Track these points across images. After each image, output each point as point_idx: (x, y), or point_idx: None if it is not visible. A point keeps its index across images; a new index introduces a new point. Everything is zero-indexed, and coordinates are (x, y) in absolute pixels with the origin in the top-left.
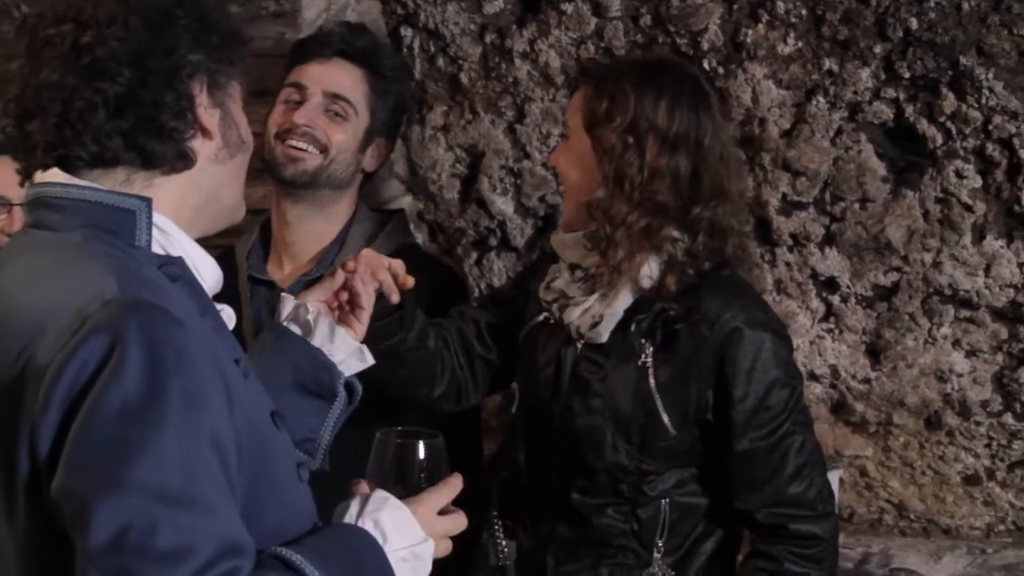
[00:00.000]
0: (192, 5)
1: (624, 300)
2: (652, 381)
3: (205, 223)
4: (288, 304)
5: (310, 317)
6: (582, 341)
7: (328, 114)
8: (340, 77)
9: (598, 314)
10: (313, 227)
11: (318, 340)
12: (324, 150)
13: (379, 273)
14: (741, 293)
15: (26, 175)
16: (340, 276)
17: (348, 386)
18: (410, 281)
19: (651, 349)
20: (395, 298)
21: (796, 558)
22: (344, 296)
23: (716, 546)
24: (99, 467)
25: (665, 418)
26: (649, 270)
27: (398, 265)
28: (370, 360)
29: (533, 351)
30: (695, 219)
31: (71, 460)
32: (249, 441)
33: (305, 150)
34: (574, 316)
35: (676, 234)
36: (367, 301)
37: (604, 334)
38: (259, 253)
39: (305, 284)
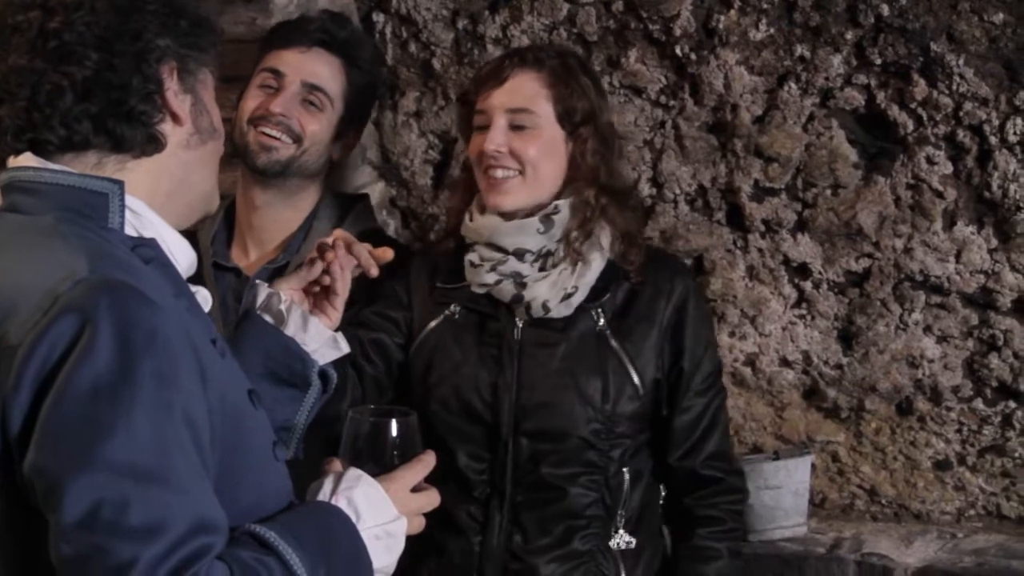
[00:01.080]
0: None
1: (596, 270)
2: (615, 344)
3: (179, 209)
4: (261, 292)
5: (283, 306)
6: (527, 318)
7: (304, 104)
8: (319, 67)
9: (571, 286)
10: (280, 214)
11: (291, 329)
12: (298, 140)
13: (354, 247)
14: (679, 261)
15: None
16: (318, 267)
17: (322, 374)
18: (389, 253)
19: (604, 318)
20: (374, 271)
21: (733, 515)
22: (317, 285)
23: (657, 510)
24: (71, 445)
25: (636, 379)
26: (606, 243)
27: (367, 246)
28: (345, 348)
29: (442, 349)
30: (624, 197)
31: (43, 438)
32: (224, 419)
33: (279, 139)
34: (540, 291)
35: (623, 212)
36: (343, 287)
37: (574, 306)
38: (223, 239)
39: (271, 272)
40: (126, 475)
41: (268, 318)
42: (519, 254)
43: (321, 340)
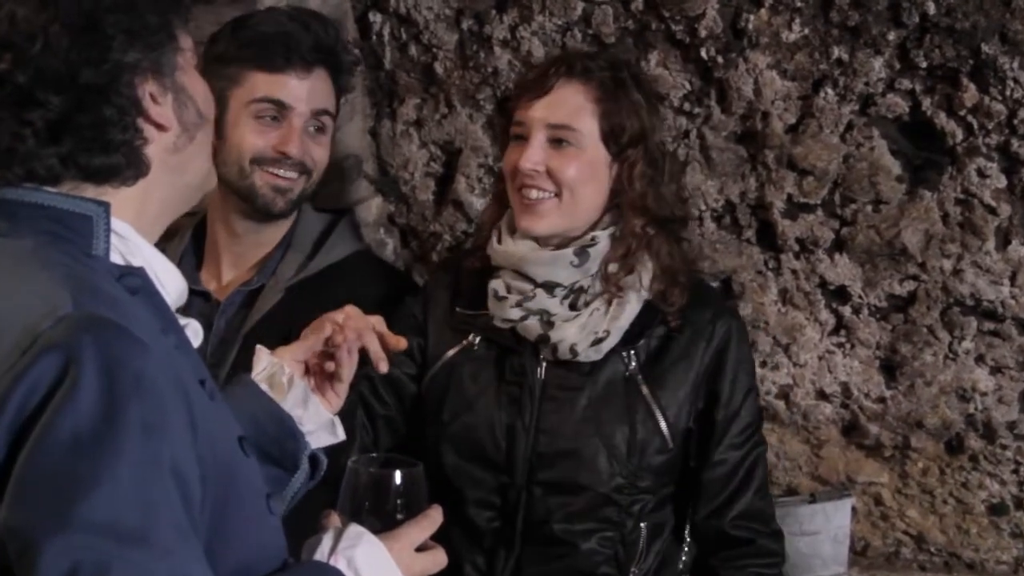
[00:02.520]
0: None
1: (631, 314)
2: (646, 392)
3: (176, 210)
4: (262, 359)
5: (284, 378)
6: (553, 358)
7: (310, 131)
8: (323, 90)
9: (603, 330)
10: (264, 237)
11: (289, 404)
12: (307, 172)
13: (365, 336)
14: (720, 300)
15: None
16: (321, 339)
17: (312, 459)
18: (402, 343)
19: (636, 361)
20: (384, 367)
21: None
22: (321, 360)
23: (679, 566)
24: (48, 502)
25: (665, 431)
26: (646, 281)
27: (379, 322)
28: (341, 435)
29: (458, 383)
30: (676, 226)
31: (17, 494)
32: (215, 471)
33: (293, 179)
34: (568, 333)
35: (670, 246)
36: (348, 373)
37: (604, 351)
38: (191, 261)
39: (245, 294)
40: (107, 536)
41: (265, 387)
42: (548, 287)
43: (319, 422)
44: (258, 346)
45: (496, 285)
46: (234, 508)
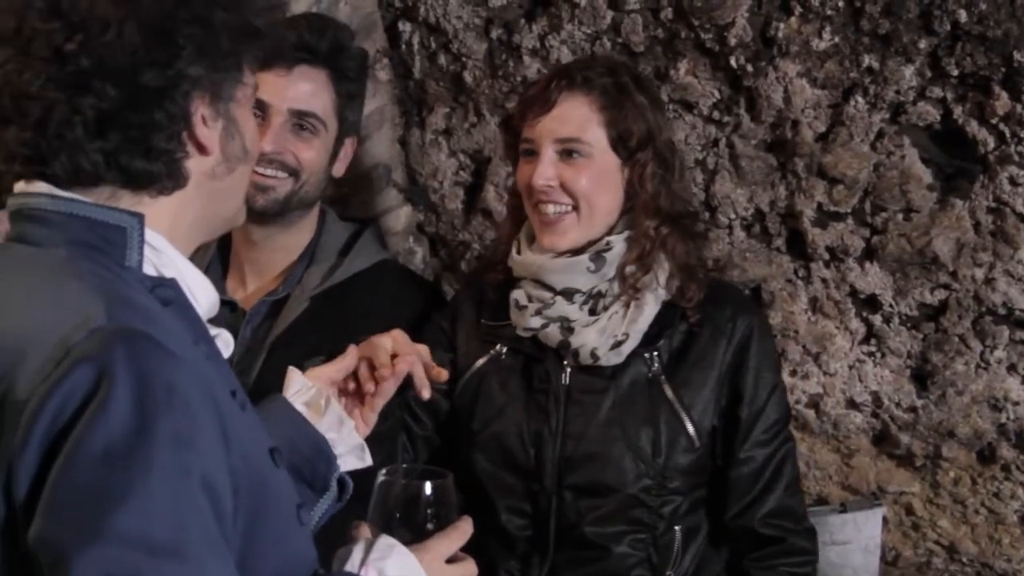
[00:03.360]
0: (200, 1)
1: (649, 315)
2: (669, 392)
3: (202, 235)
4: (296, 380)
5: (321, 402)
6: (575, 364)
7: (295, 132)
8: (305, 90)
9: (621, 332)
10: (280, 244)
11: (324, 426)
12: (294, 173)
13: (412, 364)
14: (742, 295)
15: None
16: (353, 359)
17: (340, 482)
18: (444, 374)
19: (658, 362)
20: (427, 394)
21: None
22: (355, 383)
23: (715, 571)
24: (80, 514)
25: (691, 430)
26: (663, 279)
27: (425, 351)
28: (368, 461)
29: (486, 392)
30: (689, 222)
31: (50, 506)
32: (247, 483)
33: (274, 176)
34: (588, 338)
35: (684, 243)
36: (383, 400)
37: (625, 354)
38: (217, 270)
39: (270, 304)
40: (139, 549)
41: (303, 408)
42: (568, 294)
43: (349, 446)
44: (290, 368)
45: (517, 295)
46: (265, 519)
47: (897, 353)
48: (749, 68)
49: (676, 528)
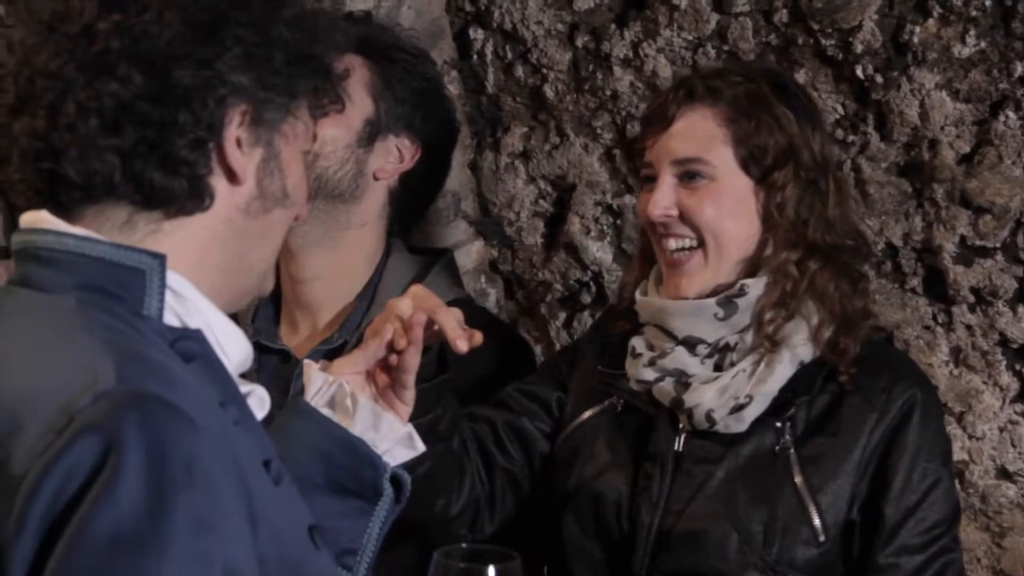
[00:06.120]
0: (261, 8)
1: (781, 376)
2: (796, 470)
3: (228, 291)
4: (315, 378)
5: (348, 401)
6: (690, 427)
7: None
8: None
9: (744, 394)
10: (327, 273)
11: (359, 428)
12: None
13: (439, 314)
14: (905, 360)
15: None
16: (383, 344)
17: (395, 479)
18: (478, 335)
19: (790, 433)
20: (463, 346)
21: None
22: (385, 361)
23: None
24: None
25: (816, 520)
26: (807, 332)
27: (458, 314)
28: (420, 447)
29: (590, 448)
30: (848, 258)
31: None
32: (277, 572)
33: None
34: (704, 398)
35: (839, 283)
36: (409, 373)
37: (748, 420)
38: (268, 313)
39: (323, 354)
40: None
41: (327, 412)
42: (689, 344)
43: (394, 439)
44: (306, 361)
45: (635, 342)
46: None
47: None
48: (879, 79)
49: None
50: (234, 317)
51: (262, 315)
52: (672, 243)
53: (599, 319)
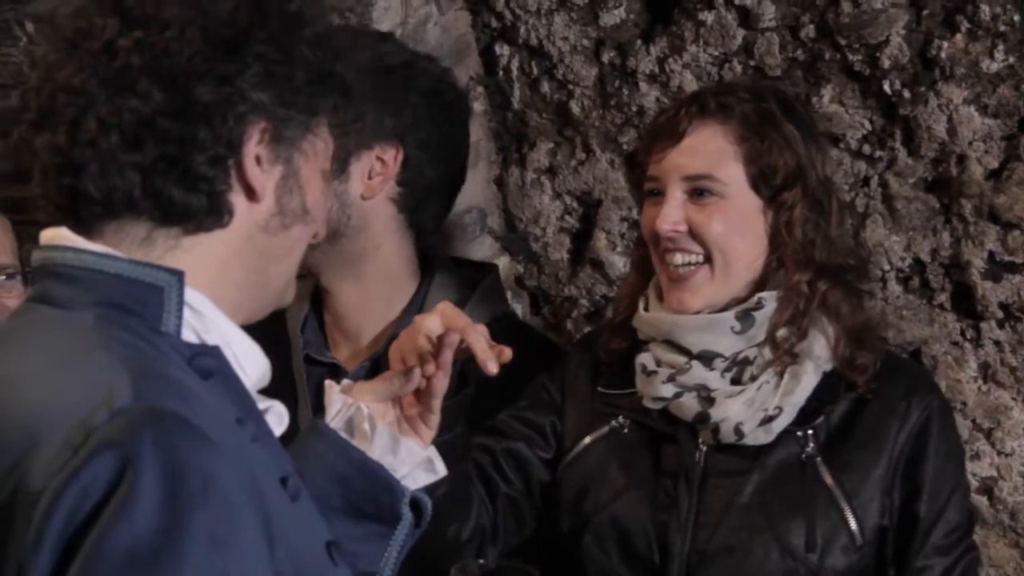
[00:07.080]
0: (283, 26)
1: (808, 386)
2: (828, 478)
3: (246, 306)
4: (335, 400)
5: (366, 425)
6: (714, 441)
7: None
8: None
9: (773, 406)
10: (358, 292)
11: (377, 452)
12: None
13: (468, 333)
14: (919, 370)
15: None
16: (408, 379)
17: (414, 503)
18: (507, 352)
19: (814, 442)
20: (493, 368)
21: None
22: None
23: None
24: None
25: (853, 525)
26: (825, 346)
27: (485, 332)
28: (441, 471)
29: (602, 471)
30: (853, 277)
31: None
32: None
33: None
34: (731, 411)
35: (849, 301)
36: (436, 398)
37: (776, 431)
38: (315, 326)
39: (368, 367)
40: None
41: (345, 435)
42: (706, 359)
43: (413, 463)
44: (327, 382)
45: (644, 359)
46: None
47: None
48: (906, 94)
49: None
50: (284, 330)
51: (310, 328)
52: (678, 257)
53: (584, 339)
